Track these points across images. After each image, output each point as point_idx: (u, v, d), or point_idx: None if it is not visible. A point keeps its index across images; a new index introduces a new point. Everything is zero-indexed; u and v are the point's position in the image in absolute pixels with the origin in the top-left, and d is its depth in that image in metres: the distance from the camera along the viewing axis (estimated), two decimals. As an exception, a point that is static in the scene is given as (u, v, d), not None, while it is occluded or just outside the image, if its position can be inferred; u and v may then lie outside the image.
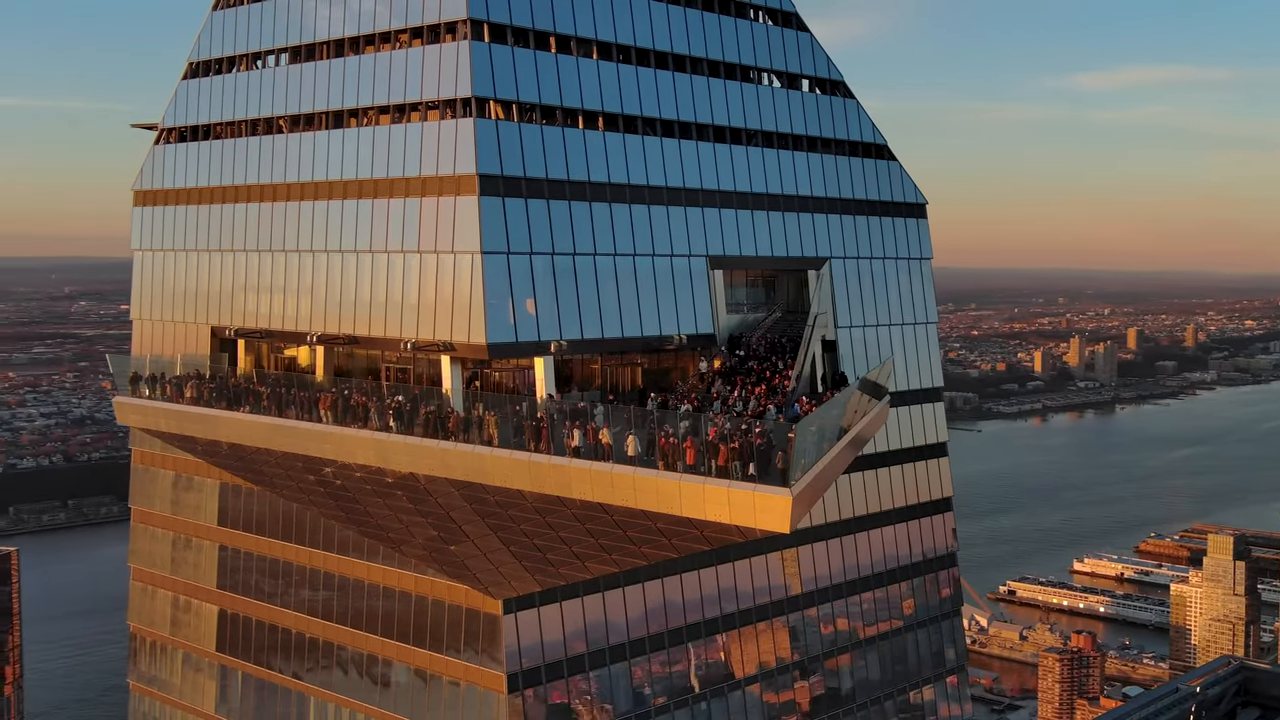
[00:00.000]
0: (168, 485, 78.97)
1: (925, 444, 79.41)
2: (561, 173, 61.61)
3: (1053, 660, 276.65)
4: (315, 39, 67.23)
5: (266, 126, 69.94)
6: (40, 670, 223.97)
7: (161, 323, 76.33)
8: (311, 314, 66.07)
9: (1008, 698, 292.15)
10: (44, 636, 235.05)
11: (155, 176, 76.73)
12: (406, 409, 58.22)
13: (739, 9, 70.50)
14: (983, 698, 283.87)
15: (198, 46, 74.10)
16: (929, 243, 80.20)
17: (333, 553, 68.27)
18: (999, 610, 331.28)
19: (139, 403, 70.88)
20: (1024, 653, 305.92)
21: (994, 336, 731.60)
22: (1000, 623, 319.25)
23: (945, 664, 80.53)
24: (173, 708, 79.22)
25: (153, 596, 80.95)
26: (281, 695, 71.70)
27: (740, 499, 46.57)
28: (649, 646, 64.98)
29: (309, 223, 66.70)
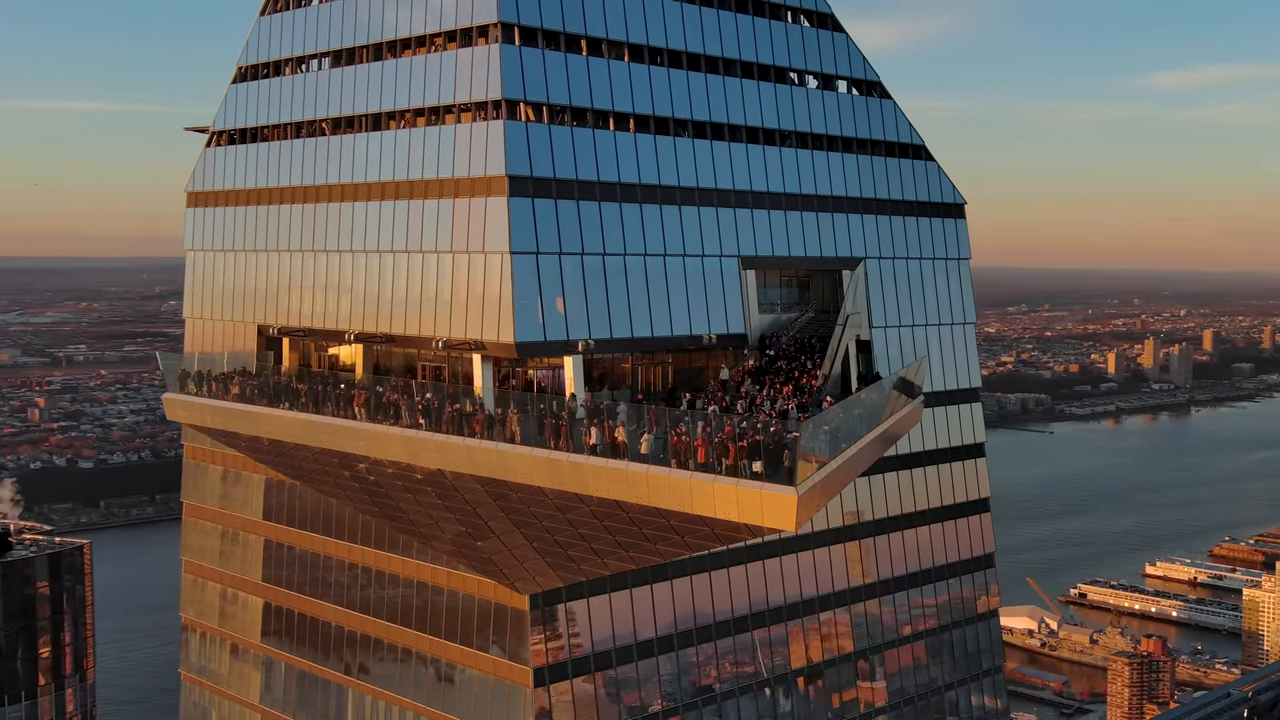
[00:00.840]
0: (217, 480, 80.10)
1: (962, 444, 78.41)
2: (591, 174, 61.65)
3: (1122, 664, 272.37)
4: (355, 43, 67.81)
5: (310, 129, 70.65)
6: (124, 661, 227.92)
7: (212, 321, 77.40)
8: (350, 313, 66.65)
9: (1077, 701, 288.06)
10: (127, 628, 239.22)
11: (206, 178, 77.81)
12: (434, 406, 58.54)
13: (773, 10, 70.14)
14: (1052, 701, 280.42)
15: (246, 51, 75.03)
16: (967, 243, 79.27)
17: (370, 547, 68.79)
18: (1069, 613, 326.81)
19: (187, 399, 71.88)
20: (1094, 656, 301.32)
21: (1067, 338, 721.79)
22: (1071, 626, 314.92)
23: (982, 665, 79.48)
24: (220, 697, 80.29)
25: (203, 589, 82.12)
26: (322, 687, 72.37)
27: (747, 497, 46.30)
28: (677, 644, 64.77)
29: (348, 223, 67.28)
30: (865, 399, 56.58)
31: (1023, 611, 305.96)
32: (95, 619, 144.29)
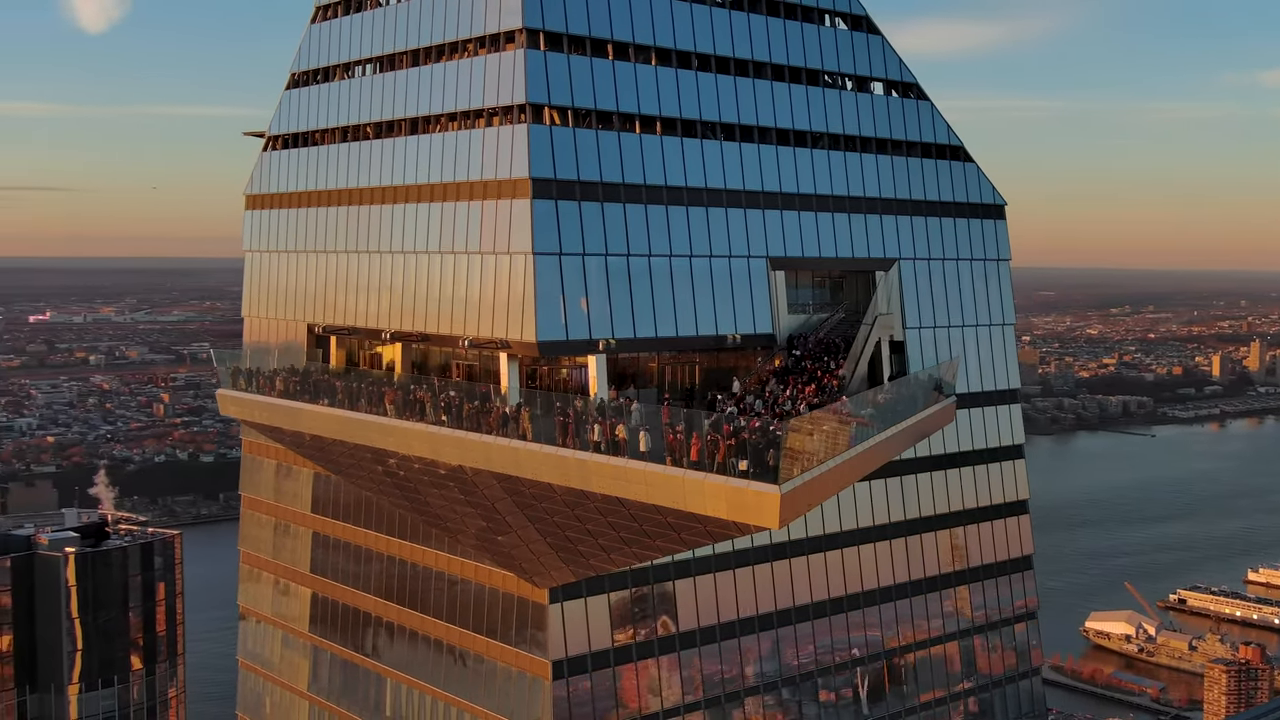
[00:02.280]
0: (271, 474, 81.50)
1: (1000, 446, 76.94)
2: (616, 176, 61.67)
3: (1219, 671, 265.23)
4: (395, 50, 68.60)
5: (355, 134, 71.61)
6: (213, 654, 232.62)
7: (267, 319, 78.78)
8: (389, 312, 67.46)
9: (1174, 708, 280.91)
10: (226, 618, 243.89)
11: (262, 182, 79.24)
12: (456, 404, 58.99)
13: (805, 13, 69.54)
14: (1149, 707, 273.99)
15: (298, 58, 76.27)
16: (1007, 244, 77.80)
17: (405, 540, 69.45)
18: (1168, 619, 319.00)
19: (238, 395, 73.30)
20: (1193, 663, 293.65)
21: (1171, 339, 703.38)
22: (1169, 632, 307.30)
23: (1019, 667, 77.93)
24: (273, 685, 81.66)
25: (258, 579, 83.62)
26: (362, 675, 73.26)
27: (733, 495, 46.04)
28: (700, 639, 64.42)
29: (387, 225, 68.14)
30: (870, 398, 55.68)
31: (1121, 616, 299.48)
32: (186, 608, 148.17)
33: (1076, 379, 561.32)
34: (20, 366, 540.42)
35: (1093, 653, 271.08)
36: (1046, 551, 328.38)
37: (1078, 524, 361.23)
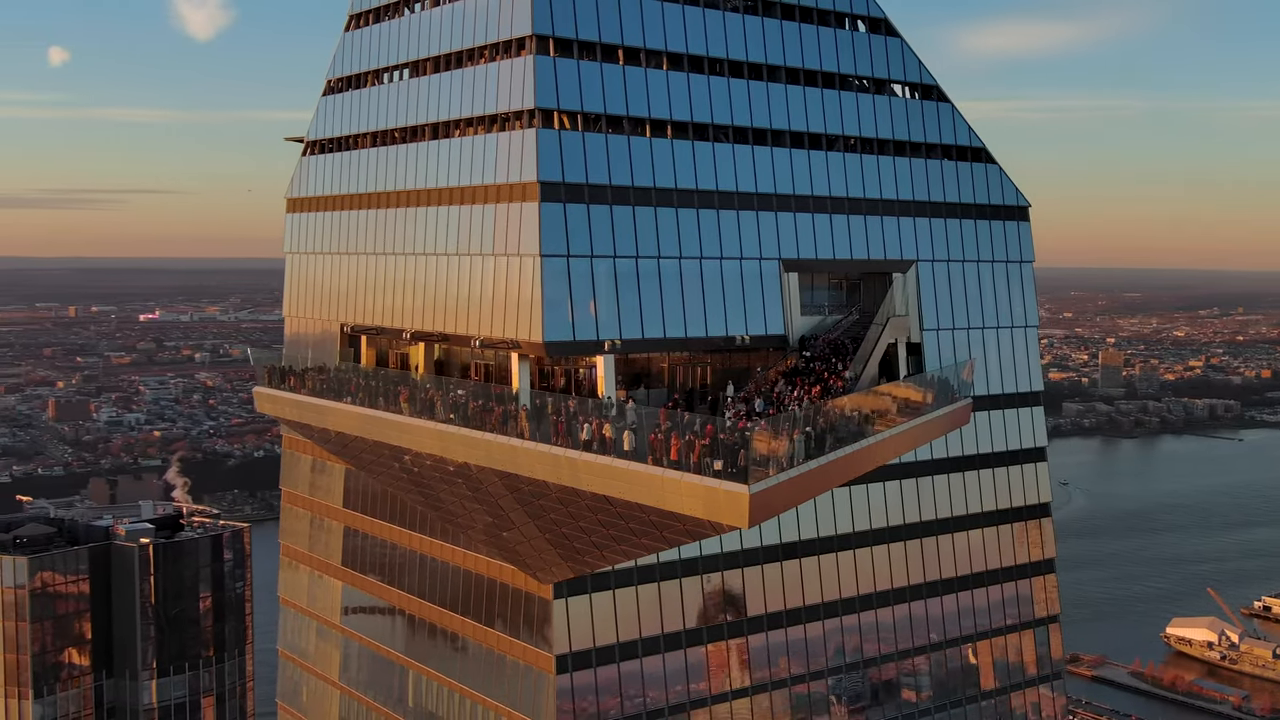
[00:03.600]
0: (307, 469, 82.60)
1: (1021, 448, 75.51)
2: (626, 179, 61.66)
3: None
4: (418, 56, 69.18)
5: (382, 139, 72.34)
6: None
7: (305, 319, 79.83)
8: (410, 312, 68.08)
9: (1257, 717, 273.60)
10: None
11: (301, 185, 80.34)
12: (461, 402, 59.37)
13: (821, 16, 68.88)
14: (1231, 715, 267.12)
15: (333, 65, 77.22)
16: (1030, 245, 76.39)
17: (424, 535, 69.96)
18: (1252, 626, 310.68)
19: (272, 393, 74.44)
20: (1277, 671, 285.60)
21: (1260, 342, 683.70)
22: (1253, 640, 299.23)
23: (1039, 670, 76.42)
24: (309, 674, 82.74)
25: (295, 571, 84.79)
26: (386, 667, 73.94)
27: (707, 494, 45.81)
28: (706, 637, 64.10)
29: (409, 227, 68.77)
30: (851, 401, 54.85)
31: (1203, 623, 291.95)
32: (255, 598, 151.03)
33: (1162, 382, 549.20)
34: (131, 363, 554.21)
35: (1174, 659, 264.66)
36: (1128, 555, 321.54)
37: (1161, 528, 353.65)
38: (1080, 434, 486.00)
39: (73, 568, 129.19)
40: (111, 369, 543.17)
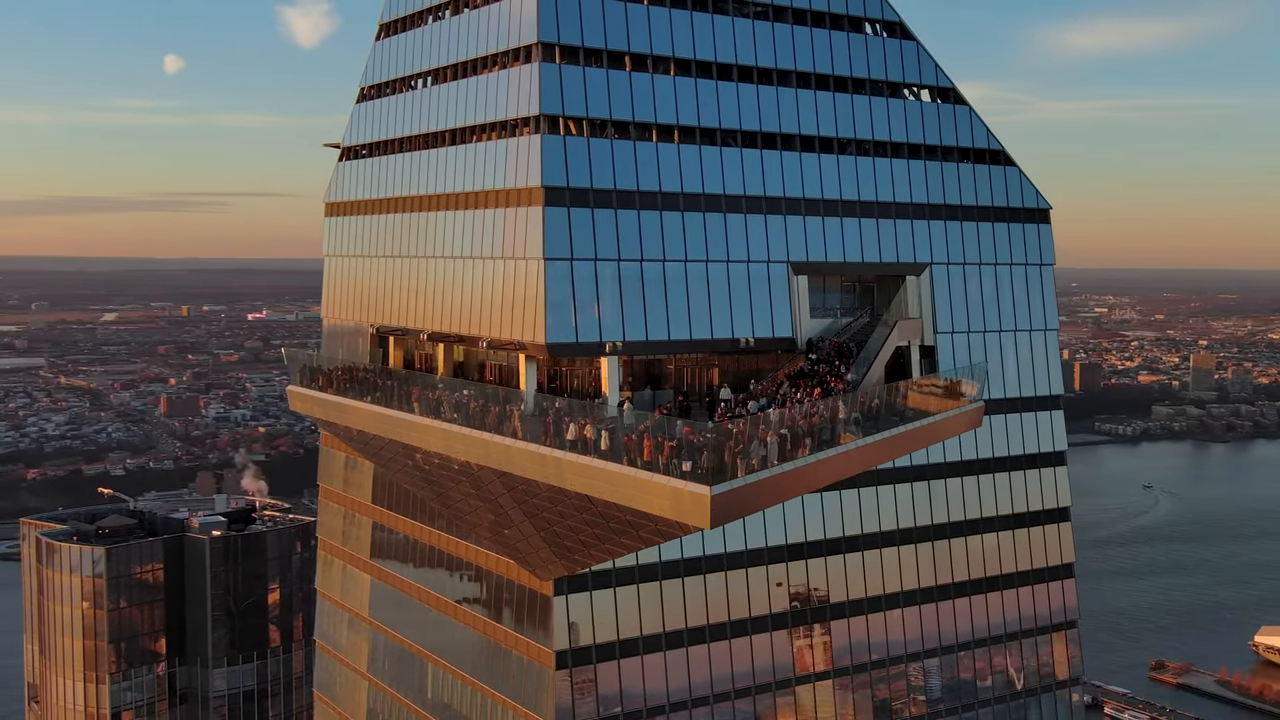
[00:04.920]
0: (341, 466, 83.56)
1: (1040, 452, 73.91)
2: (631, 183, 61.61)
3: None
4: (437, 65, 69.72)
5: (405, 145, 73.05)
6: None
7: (340, 320, 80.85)
8: (427, 314, 68.70)
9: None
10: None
11: (337, 190, 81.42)
12: (465, 402, 59.79)
13: (834, 21, 68.06)
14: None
15: (365, 73, 78.09)
16: (1051, 248, 74.74)
17: (441, 531, 70.43)
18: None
19: (303, 391, 75.56)
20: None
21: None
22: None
23: (1056, 676, 74.70)
24: (341, 665, 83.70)
25: (329, 564, 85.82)
26: (408, 660, 74.55)
27: (673, 494, 45.55)
28: (709, 636, 63.61)
29: (427, 231, 69.39)
30: (824, 404, 53.98)
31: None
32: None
33: (1255, 385, 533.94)
34: (238, 361, 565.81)
35: (1261, 668, 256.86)
36: (1217, 562, 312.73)
37: (1251, 534, 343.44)
38: (1170, 438, 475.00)
39: (148, 558, 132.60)
40: (220, 366, 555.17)
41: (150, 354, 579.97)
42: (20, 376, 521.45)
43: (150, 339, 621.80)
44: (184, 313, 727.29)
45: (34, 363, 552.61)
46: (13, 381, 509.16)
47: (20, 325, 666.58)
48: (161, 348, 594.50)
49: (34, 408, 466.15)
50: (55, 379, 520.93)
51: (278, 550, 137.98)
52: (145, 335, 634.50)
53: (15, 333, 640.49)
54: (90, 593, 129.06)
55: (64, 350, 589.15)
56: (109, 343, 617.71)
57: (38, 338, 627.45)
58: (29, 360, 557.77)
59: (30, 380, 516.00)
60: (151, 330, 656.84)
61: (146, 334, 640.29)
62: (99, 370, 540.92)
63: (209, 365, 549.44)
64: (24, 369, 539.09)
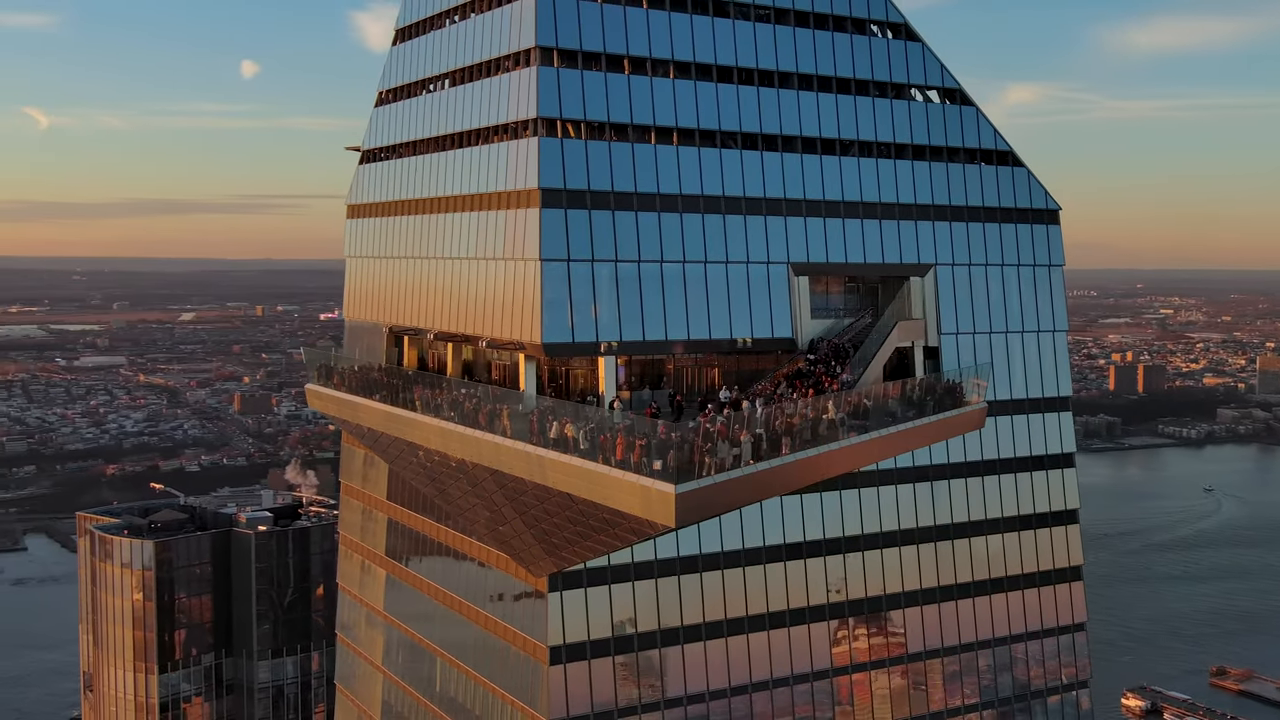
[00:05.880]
0: (360, 463, 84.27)
1: (1047, 454, 72.64)
2: (629, 185, 61.61)
3: None
4: (446, 69, 70.14)
5: (416, 149, 73.55)
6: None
7: (359, 320, 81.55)
8: (433, 314, 69.13)
9: None
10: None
11: (357, 192, 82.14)
12: (459, 400, 60.05)
13: (837, 23, 67.48)
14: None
15: (382, 78, 78.67)
16: (1060, 249, 73.47)
17: (447, 528, 70.76)
18: None
19: (319, 389, 76.34)
20: None
21: None
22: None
23: (1064, 679, 73.40)
24: (359, 659, 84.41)
25: (349, 559, 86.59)
26: (418, 654, 75.00)
27: (641, 492, 45.47)
28: (705, 634, 63.29)
29: (435, 233, 69.81)
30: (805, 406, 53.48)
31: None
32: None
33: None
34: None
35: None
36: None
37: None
38: (1235, 441, 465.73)
39: (196, 552, 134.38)
40: (293, 365, 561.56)
41: (225, 353, 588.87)
42: (102, 374, 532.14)
43: (226, 338, 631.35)
44: (258, 312, 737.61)
45: (115, 361, 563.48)
46: (94, 379, 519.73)
47: (102, 324, 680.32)
48: (236, 346, 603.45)
49: (114, 405, 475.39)
50: (134, 377, 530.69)
51: (321, 545, 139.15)
52: (221, 334, 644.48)
53: (98, 332, 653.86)
54: (140, 585, 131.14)
55: (143, 349, 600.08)
56: (186, 342, 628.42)
57: (119, 337, 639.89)
58: (110, 359, 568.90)
59: (111, 378, 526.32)
60: (227, 330, 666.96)
61: (222, 333, 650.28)
62: (176, 368, 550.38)
63: (282, 364, 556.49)
64: (105, 367, 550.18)
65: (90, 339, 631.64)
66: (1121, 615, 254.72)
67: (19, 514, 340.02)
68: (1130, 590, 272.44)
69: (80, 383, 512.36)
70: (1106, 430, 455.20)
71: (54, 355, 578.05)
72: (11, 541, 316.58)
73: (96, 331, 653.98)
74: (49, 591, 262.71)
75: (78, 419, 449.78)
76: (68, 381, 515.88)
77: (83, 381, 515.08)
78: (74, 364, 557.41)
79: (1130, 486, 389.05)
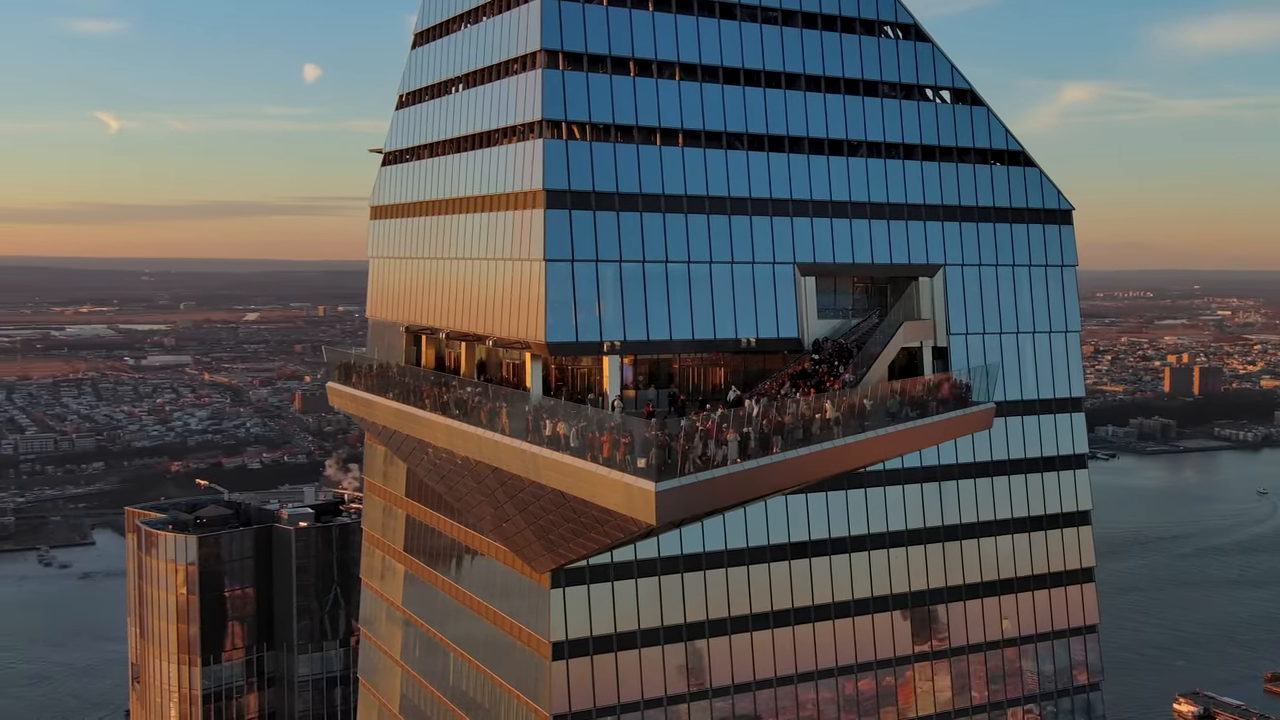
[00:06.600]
0: (381, 460, 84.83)
1: (1059, 454, 71.67)
2: (634, 186, 61.67)
3: None
4: (459, 72, 70.43)
5: (431, 151, 73.97)
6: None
7: (381, 319, 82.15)
8: (446, 313, 69.52)
9: None
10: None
11: (379, 194, 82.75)
12: (463, 399, 60.30)
13: (846, 24, 67.04)
14: None
15: (404, 81, 79.14)
16: (1073, 249, 72.43)
17: (458, 524, 71.04)
18: None
19: (338, 387, 76.92)
20: None
21: None
22: None
23: (1075, 681, 72.35)
24: (379, 653, 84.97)
25: (371, 554, 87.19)
26: (432, 648, 75.38)
27: (624, 489, 45.65)
28: (709, 631, 63.10)
29: (447, 234, 70.18)
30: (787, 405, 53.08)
31: None
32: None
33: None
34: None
35: None
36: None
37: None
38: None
39: (238, 548, 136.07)
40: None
41: (288, 352, 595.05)
42: (168, 373, 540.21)
43: (288, 338, 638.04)
44: (320, 312, 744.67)
45: (181, 360, 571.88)
46: (161, 378, 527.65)
47: (169, 324, 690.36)
48: (298, 346, 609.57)
49: (179, 403, 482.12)
50: (199, 375, 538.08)
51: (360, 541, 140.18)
52: (284, 334, 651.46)
53: (164, 331, 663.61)
54: (183, 579, 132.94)
55: (209, 348, 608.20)
56: (250, 341, 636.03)
57: (185, 336, 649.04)
58: (176, 358, 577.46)
59: (176, 377, 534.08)
60: (290, 330, 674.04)
61: (285, 333, 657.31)
62: (240, 367, 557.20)
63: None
64: (172, 366, 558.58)
65: (157, 338, 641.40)
66: (1175, 619, 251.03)
67: (87, 509, 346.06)
68: (1184, 594, 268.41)
69: (147, 381, 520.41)
70: (1161, 432, 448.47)
71: (123, 354, 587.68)
72: (80, 536, 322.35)
73: (163, 331, 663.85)
74: (115, 585, 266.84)
75: (144, 416, 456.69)
76: (135, 380, 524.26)
77: (150, 380, 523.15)
78: (141, 363, 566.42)
79: (1184, 489, 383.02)
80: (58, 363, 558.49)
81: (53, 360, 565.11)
